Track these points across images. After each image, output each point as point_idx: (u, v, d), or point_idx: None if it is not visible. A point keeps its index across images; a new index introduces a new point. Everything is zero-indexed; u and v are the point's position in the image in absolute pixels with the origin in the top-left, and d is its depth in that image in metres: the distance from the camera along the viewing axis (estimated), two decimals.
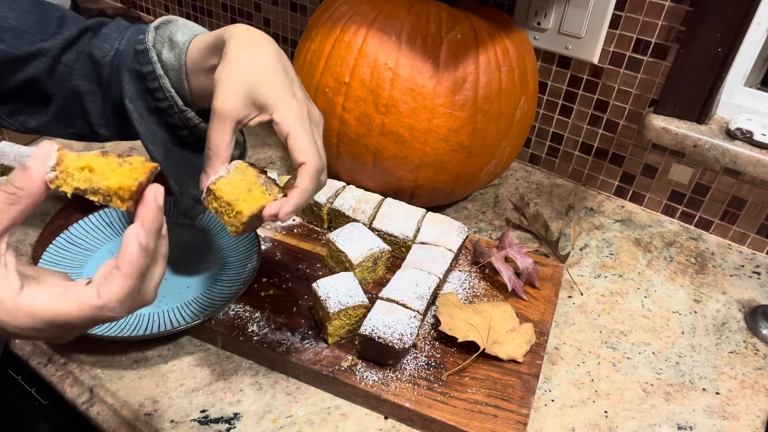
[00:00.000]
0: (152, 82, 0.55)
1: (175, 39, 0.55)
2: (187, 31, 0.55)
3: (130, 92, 0.56)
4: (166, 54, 0.55)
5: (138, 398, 0.58)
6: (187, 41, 0.55)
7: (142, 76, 0.55)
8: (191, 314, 0.62)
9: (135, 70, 0.55)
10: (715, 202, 0.88)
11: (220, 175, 0.49)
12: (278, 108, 0.49)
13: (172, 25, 0.56)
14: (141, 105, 0.56)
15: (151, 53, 0.54)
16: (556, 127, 0.98)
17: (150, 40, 0.54)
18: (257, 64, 0.50)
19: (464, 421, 0.56)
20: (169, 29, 0.56)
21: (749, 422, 0.62)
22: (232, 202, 0.48)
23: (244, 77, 0.49)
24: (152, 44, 0.54)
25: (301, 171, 0.49)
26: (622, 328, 0.72)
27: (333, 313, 0.59)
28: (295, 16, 1.23)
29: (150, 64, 0.54)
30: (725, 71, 0.78)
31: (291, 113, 0.49)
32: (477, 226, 0.88)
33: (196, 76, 0.55)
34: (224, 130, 0.49)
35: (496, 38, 0.76)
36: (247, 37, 0.51)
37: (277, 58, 0.51)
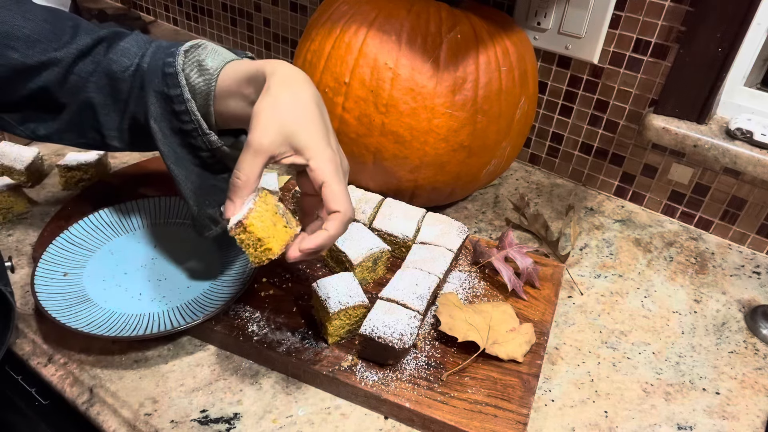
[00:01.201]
0: (179, 105, 0.55)
1: (204, 65, 0.56)
2: (217, 57, 0.56)
3: (155, 113, 0.57)
4: (194, 78, 0.56)
5: (138, 398, 0.58)
6: (218, 68, 0.55)
7: (168, 98, 0.56)
8: (191, 314, 0.62)
9: (162, 92, 0.56)
10: (715, 202, 0.88)
11: (249, 207, 0.49)
12: (315, 156, 0.50)
13: (202, 50, 0.57)
14: (165, 125, 0.57)
15: (180, 77, 0.55)
16: (556, 127, 0.98)
17: (180, 63, 0.55)
18: (298, 106, 0.50)
19: (464, 421, 0.56)
20: (198, 53, 0.57)
21: (749, 422, 0.62)
22: (264, 238, 0.49)
23: (284, 117, 0.50)
24: (181, 68, 0.55)
25: (333, 217, 0.50)
26: (622, 328, 0.72)
27: (333, 313, 0.59)
28: (295, 16, 1.23)
29: (178, 88, 0.55)
30: (725, 71, 0.78)
31: (327, 162, 0.50)
32: (477, 226, 0.88)
33: (224, 101, 0.56)
34: (257, 163, 0.49)
35: (496, 38, 0.76)
36: (289, 76, 0.52)
37: (316, 103, 0.52)
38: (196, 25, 1.46)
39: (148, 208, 0.76)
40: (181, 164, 0.59)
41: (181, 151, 0.58)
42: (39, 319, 0.65)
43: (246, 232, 0.49)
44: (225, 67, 0.56)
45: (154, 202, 0.76)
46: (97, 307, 0.63)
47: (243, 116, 0.55)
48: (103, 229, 0.73)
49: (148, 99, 0.57)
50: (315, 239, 0.49)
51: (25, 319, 0.65)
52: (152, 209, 0.76)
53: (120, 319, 0.62)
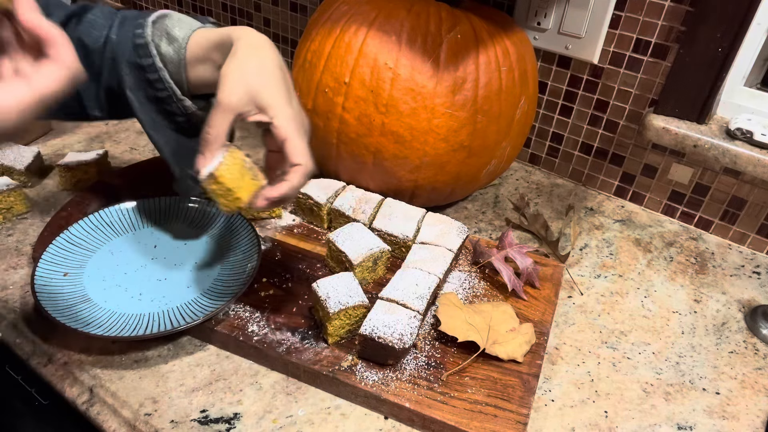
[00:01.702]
0: (152, 74, 0.58)
1: (173, 34, 0.58)
2: (184, 26, 0.59)
3: (129, 83, 0.60)
4: (164, 47, 0.59)
5: (138, 398, 0.58)
6: (186, 36, 0.58)
7: (141, 68, 0.59)
8: (191, 314, 0.62)
9: (134, 63, 0.59)
10: (715, 202, 0.88)
11: (219, 161, 0.53)
12: (278, 113, 0.53)
13: (168, 20, 0.60)
14: (141, 94, 0.60)
15: (151, 47, 0.58)
16: (556, 127, 0.98)
17: (149, 34, 0.58)
18: (263, 68, 0.54)
19: (464, 421, 0.56)
20: (165, 23, 0.59)
21: (749, 422, 0.62)
22: (233, 188, 0.53)
23: (250, 77, 0.53)
24: (151, 38, 0.58)
25: (294, 170, 0.54)
26: (622, 328, 0.72)
27: (333, 313, 0.59)
28: (295, 16, 1.23)
29: (150, 58, 0.58)
30: (725, 71, 0.78)
31: (289, 120, 0.54)
32: (477, 226, 0.88)
33: (194, 68, 0.59)
34: (225, 119, 0.53)
35: (496, 38, 0.76)
36: (255, 41, 0.55)
37: (279, 66, 0.55)
38: None
39: (148, 208, 0.76)
40: (159, 130, 0.62)
41: (158, 118, 0.62)
42: (39, 319, 0.65)
43: (217, 182, 0.53)
44: (192, 35, 0.58)
45: (154, 202, 0.76)
46: (97, 307, 0.63)
47: (212, 81, 0.57)
48: (103, 229, 0.73)
49: (121, 70, 0.59)
50: (279, 189, 0.54)
51: (25, 319, 0.65)
52: (152, 209, 0.76)
53: (120, 319, 0.62)
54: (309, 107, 0.79)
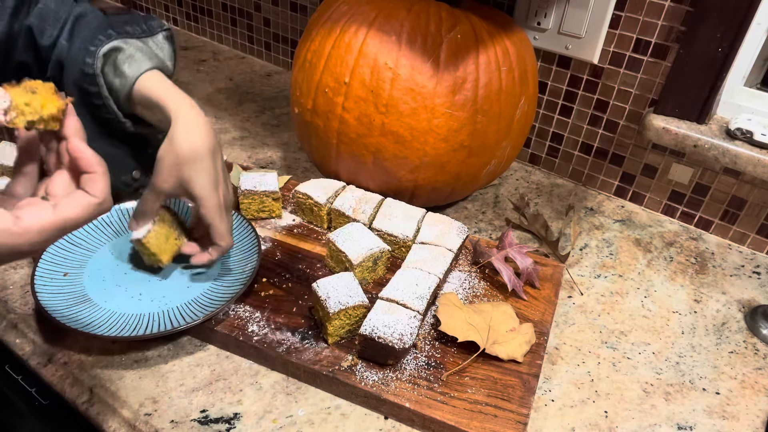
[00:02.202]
0: (97, 100, 0.61)
1: (121, 69, 0.61)
2: (134, 65, 0.61)
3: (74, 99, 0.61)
4: (111, 77, 0.61)
5: (138, 398, 0.58)
6: (134, 76, 0.61)
7: (87, 93, 0.61)
8: (191, 314, 0.62)
9: (81, 87, 0.61)
10: (715, 202, 0.88)
11: (149, 228, 0.63)
12: (204, 203, 0.60)
13: (120, 54, 0.61)
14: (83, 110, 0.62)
15: (99, 79, 0.60)
16: (556, 127, 0.98)
17: (98, 66, 0.60)
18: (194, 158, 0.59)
19: (464, 421, 0.56)
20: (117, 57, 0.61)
21: (749, 422, 0.62)
22: (157, 253, 0.65)
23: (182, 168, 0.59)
24: (99, 71, 0.60)
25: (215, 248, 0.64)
26: (622, 328, 0.72)
27: (333, 313, 0.59)
28: (295, 16, 1.23)
29: (96, 87, 0.60)
30: (725, 71, 0.78)
31: (214, 208, 0.60)
32: (477, 226, 0.88)
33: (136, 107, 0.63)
34: (156, 200, 0.61)
35: (496, 38, 0.76)
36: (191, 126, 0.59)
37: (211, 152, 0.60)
38: (196, 25, 1.46)
39: None
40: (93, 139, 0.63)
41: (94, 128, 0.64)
42: (39, 319, 0.65)
43: (143, 246, 0.64)
44: (138, 81, 0.61)
45: None
46: (97, 307, 0.63)
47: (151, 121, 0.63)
48: (103, 229, 0.73)
49: (67, 83, 0.61)
50: (202, 258, 0.65)
51: (25, 319, 0.65)
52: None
53: (120, 319, 0.62)
54: (309, 107, 0.79)
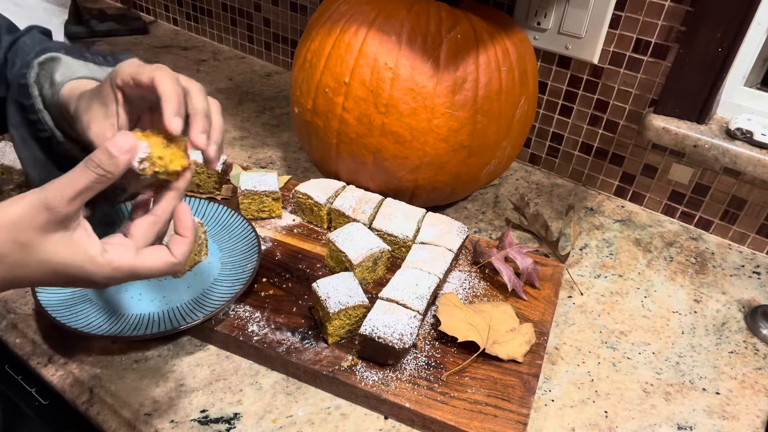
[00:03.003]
0: (32, 114, 0.57)
1: (54, 78, 0.57)
2: (66, 72, 0.57)
3: (14, 120, 0.59)
4: (46, 89, 0.57)
5: (138, 398, 0.58)
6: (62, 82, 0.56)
7: (24, 108, 0.58)
8: (191, 314, 0.62)
9: (18, 102, 0.58)
10: (715, 202, 0.88)
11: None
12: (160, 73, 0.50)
13: (55, 63, 0.58)
14: (24, 131, 0.59)
15: (32, 89, 0.57)
16: (556, 127, 0.98)
17: (32, 76, 0.57)
18: None
19: (464, 421, 0.56)
20: (52, 66, 0.57)
21: (749, 422, 0.62)
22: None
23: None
24: (34, 80, 0.57)
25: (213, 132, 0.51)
26: (622, 328, 0.72)
27: (333, 313, 0.59)
28: (295, 16, 1.23)
29: (30, 98, 0.57)
30: (725, 71, 0.78)
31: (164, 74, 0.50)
32: (477, 226, 0.88)
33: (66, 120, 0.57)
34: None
35: (496, 38, 0.76)
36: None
37: None
38: (196, 25, 1.46)
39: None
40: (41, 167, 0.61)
41: (41, 156, 0.60)
42: (39, 319, 0.65)
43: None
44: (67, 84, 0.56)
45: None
46: (97, 307, 0.63)
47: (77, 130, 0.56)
48: (103, 229, 0.73)
49: (8, 107, 0.59)
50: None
51: (25, 319, 0.65)
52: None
53: (120, 319, 0.62)
54: (309, 107, 0.79)
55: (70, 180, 0.41)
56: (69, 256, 0.41)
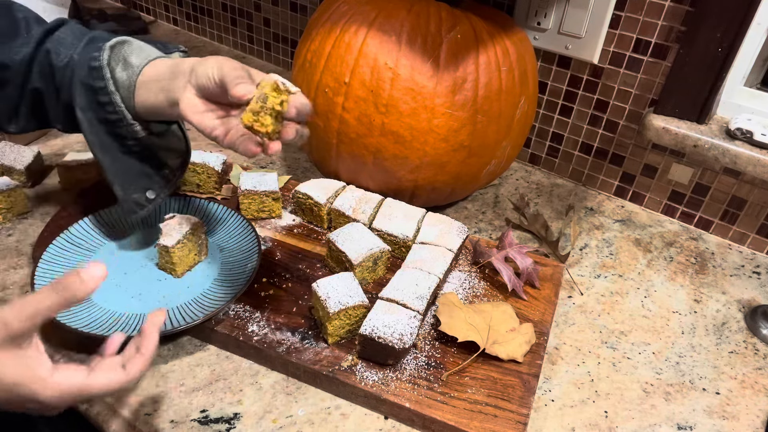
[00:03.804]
0: (104, 96, 0.59)
1: (129, 60, 0.60)
2: (142, 54, 0.60)
3: (81, 103, 0.60)
4: (119, 72, 0.60)
5: (138, 398, 0.58)
6: (141, 65, 0.60)
7: (94, 90, 0.60)
8: (191, 314, 0.62)
9: (88, 84, 0.60)
10: (715, 202, 0.88)
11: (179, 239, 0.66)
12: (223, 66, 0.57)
13: (127, 46, 0.61)
14: (92, 115, 0.61)
15: (105, 71, 0.59)
16: (556, 127, 0.98)
17: (105, 58, 0.59)
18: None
19: (464, 421, 0.56)
20: (124, 49, 0.60)
21: (749, 422, 0.62)
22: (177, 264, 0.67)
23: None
24: (107, 62, 0.59)
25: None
26: (622, 328, 0.72)
27: (333, 313, 0.59)
28: (295, 16, 1.23)
29: (103, 80, 0.59)
30: (725, 71, 0.78)
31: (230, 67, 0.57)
32: (477, 226, 0.88)
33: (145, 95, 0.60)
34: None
35: (496, 38, 0.76)
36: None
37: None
38: (196, 25, 1.46)
39: None
40: (107, 151, 0.63)
41: (107, 139, 0.62)
42: None
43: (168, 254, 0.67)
44: (148, 65, 0.60)
45: None
46: (97, 307, 0.63)
47: (160, 109, 0.59)
48: (103, 229, 0.73)
49: (74, 90, 0.60)
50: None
51: None
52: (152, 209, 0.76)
53: (120, 319, 0.62)
54: None
55: (34, 299, 0.41)
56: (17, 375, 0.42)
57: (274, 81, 0.52)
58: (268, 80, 0.52)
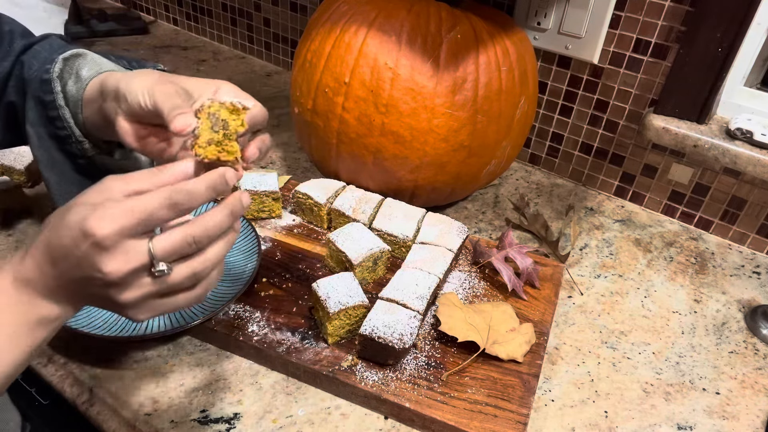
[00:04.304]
0: (52, 111, 0.56)
1: (80, 74, 0.56)
2: (94, 67, 0.56)
3: (31, 117, 0.58)
4: (70, 86, 0.56)
5: (138, 398, 0.58)
6: (90, 77, 0.55)
7: (44, 104, 0.56)
8: (191, 314, 0.62)
9: (38, 97, 0.56)
10: (715, 202, 0.88)
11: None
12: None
13: (81, 59, 0.57)
14: (42, 131, 0.58)
15: (55, 84, 0.55)
16: (556, 127, 0.98)
17: (56, 70, 0.56)
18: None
19: (464, 421, 0.56)
20: (77, 62, 0.57)
21: (749, 422, 0.62)
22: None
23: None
24: (58, 75, 0.56)
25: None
26: (622, 328, 0.72)
27: (333, 313, 0.59)
28: (295, 16, 1.23)
29: (52, 94, 0.55)
30: (725, 71, 0.78)
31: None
32: (477, 226, 0.88)
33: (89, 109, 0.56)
34: None
35: (496, 38, 0.76)
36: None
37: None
38: (196, 25, 1.46)
39: None
40: (55, 169, 0.59)
41: (59, 156, 0.59)
42: None
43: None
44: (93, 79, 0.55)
45: None
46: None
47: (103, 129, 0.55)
48: None
49: (26, 104, 0.57)
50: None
51: None
52: None
53: (120, 319, 0.62)
54: (309, 107, 0.79)
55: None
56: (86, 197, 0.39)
57: (230, 103, 0.45)
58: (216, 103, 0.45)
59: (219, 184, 0.42)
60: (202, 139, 0.44)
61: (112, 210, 0.38)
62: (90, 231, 0.37)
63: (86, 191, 0.40)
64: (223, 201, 0.43)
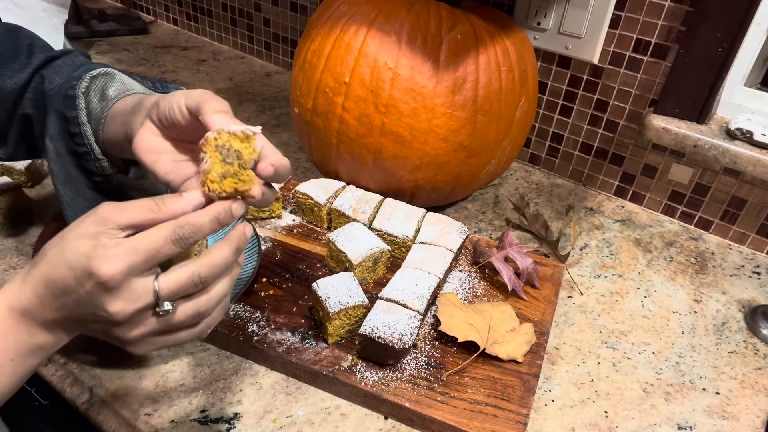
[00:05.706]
0: (74, 127, 0.56)
1: (106, 92, 0.56)
2: (121, 87, 0.56)
3: (52, 131, 0.57)
4: (94, 104, 0.56)
5: (138, 398, 0.58)
6: (116, 97, 0.55)
7: (66, 119, 0.56)
8: None
9: (61, 112, 0.56)
10: (715, 202, 0.88)
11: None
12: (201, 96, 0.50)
13: (109, 78, 0.57)
14: (61, 145, 0.58)
15: (80, 100, 0.55)
16: (556, 127, 0.98)
17: (82, 87, 0.56)
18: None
19: (464, 421, 0.56)
20: (105, 81, 0.57)
21: (749, 422, 0.62)
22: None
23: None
24: (83, 92, 0.56)
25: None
26: (622, 328, 0.72)
27: (333, 313, 0.59)
28: (295, 16, 1.23)
29: (75, 110, 0.55)
30: (725, 71, 0.78)
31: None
32: (477, 226, 0.88)
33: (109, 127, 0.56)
34: None
35: (496, 38, 0.76)
36: None
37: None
38: (196, 25, 1.46)
39: None
40: (71, 185, 0.59)
41: (75, 172, 0.59)
42: None
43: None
44: (123, 98, 0.55)
45: None
46: None
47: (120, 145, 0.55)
48: None
49: (48, 116, 0.57)
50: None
51: None
52: None
53: None
54: (309, 107, 0.79)
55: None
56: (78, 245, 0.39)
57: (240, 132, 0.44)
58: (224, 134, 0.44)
59: (225, 217, 0.42)
60: (214, 173, 0.43)
61: (115, 249, 0.38)
62: (95, 272, 0.37)
63: (81, 220, 0.40)
64: (227, 236, 0.43)
